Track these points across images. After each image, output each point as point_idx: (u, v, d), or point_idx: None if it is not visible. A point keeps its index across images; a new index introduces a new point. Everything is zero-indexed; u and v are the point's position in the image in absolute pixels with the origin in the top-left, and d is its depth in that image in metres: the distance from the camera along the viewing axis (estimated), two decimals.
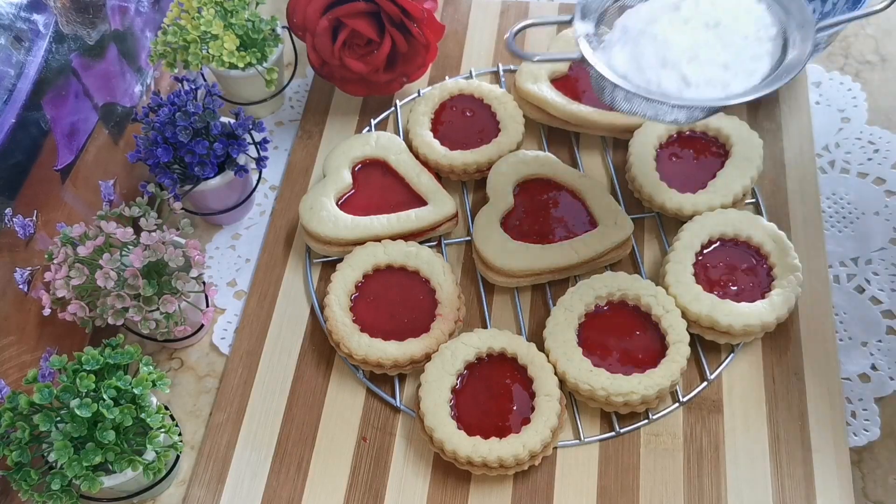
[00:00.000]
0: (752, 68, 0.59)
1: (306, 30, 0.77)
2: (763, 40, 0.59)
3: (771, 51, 0.59)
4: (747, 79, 0.58)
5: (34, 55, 0.63)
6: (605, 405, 0.64)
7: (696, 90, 0.58)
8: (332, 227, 0.72)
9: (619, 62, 0.60)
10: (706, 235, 0.70)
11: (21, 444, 0.55)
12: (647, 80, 0.58)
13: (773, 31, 0.60)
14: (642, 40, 0.59)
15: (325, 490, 0.64)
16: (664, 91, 0.58)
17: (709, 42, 0.58)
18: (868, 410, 0.65)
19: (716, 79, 0.58)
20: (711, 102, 0.58)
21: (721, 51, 0.58)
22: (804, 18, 0.59)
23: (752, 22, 0.59)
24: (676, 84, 0.58)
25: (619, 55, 0.60)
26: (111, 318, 0.61)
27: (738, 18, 0.59)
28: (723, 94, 0.57)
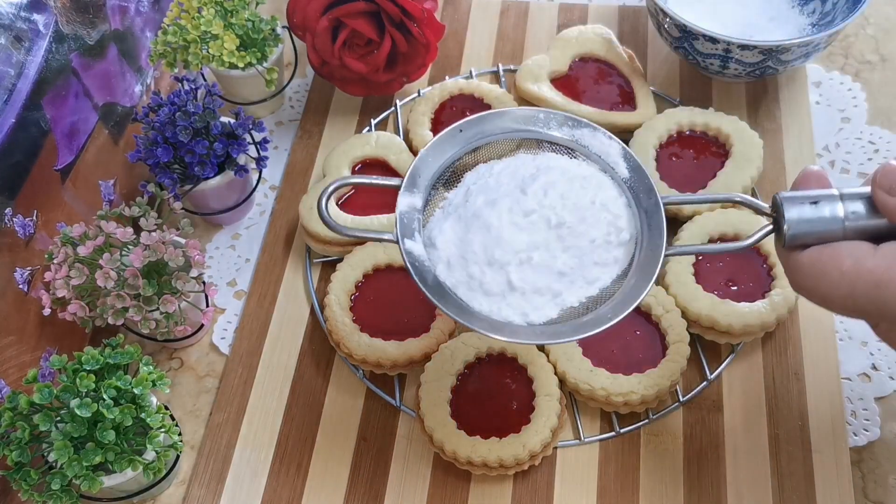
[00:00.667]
0: (593, 277, 0.52)
1: (306, 30, 0.77)
2: (612, 245, 0.53)
3: (621, 257, 0.53)
4: (584, 289, 0.52)
5: (34, 55, 0.63)
6: (605, 405, 0.64)
7: (520, 297, 0.51)
8: None
9: (446, 241, 0.53)
10: (706, 236, 0.70)
11: (21, 444, 0.55)
12: (468, 275, 0.52)
13: (626, 235, 0.53)
14: (474, 226, 0.52)
15: (325, 490, 0.64)
16: (483, 293, 0.51)
17: (548, 243, 0.52)
18: (868, 410, 0.65)
19: (546, 288, 0.51)
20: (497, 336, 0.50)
21: (560, 256, 0.52)
22: (654, 238, 0.52)
23: (604, 223, 0.52)
24: (500, 287, 0.51)
25: (448, 233, 0.53)
26: (111, 318, 0.61)
27: (585, 219, 0.52)
28: (548, 310, 0.51)
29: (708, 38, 0.73)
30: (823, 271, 0.45)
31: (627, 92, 0.81)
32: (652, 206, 0.53)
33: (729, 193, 0.54)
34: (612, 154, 0.56)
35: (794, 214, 0.47)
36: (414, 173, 0.54)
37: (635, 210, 0.54)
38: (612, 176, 0.55)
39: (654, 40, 0.89)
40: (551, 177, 0.53)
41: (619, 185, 0.55)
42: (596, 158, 0.56)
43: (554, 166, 0.55)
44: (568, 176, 0.54)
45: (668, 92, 0.84)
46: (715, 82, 0.84)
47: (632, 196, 0.54)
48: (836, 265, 0.45)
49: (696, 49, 0.76)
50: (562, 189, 0.53)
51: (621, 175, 0.55)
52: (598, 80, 0.82)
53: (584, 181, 0.54)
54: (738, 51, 0.73)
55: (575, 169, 0.55)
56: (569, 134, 0.56)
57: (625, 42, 0.87)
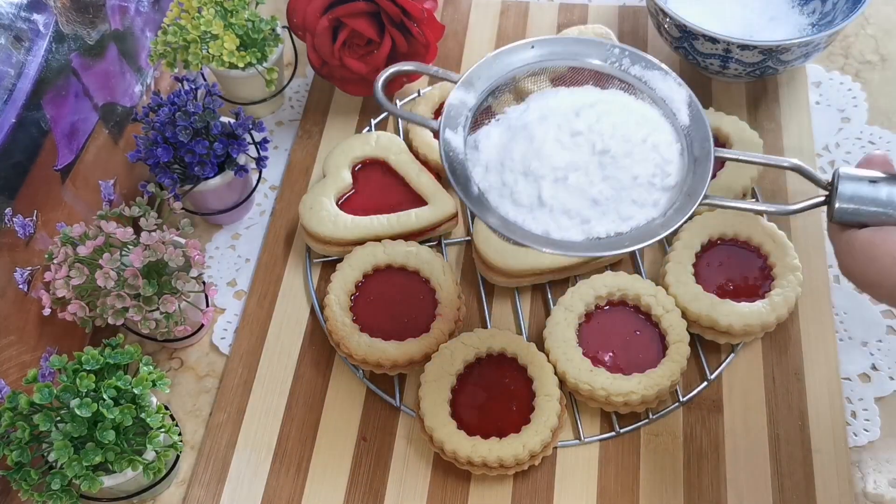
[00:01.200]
0: (628, 214, 0.51)
1: (306, 30, 0.77)
2: (655, 188, 0.51)
3: (662, 203, 0.51)
4: (615, 224, 0.51)
5: (34, 55, 0.63)
6: (605, 405, 0.64)
7: (548, 214, 0.50)
8: (332, 227, 0.72)
9: (489, 146, 0.53)
10: (706, 235, 0.70)
11: (21, 443, 0.55)
12: (502, 182, 0.51)
13: (671, 180, 0.51)
14: (519, 136, 0.52)
15: (325, 490, 0.64)
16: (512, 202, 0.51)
17: (588, 168, 0.50)
18: (868, 410, 0.65)
19: (576, 212, 0.50)
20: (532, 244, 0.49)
21: (598, 183, 0.50)
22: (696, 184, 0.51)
23: (651, 163, 0.51)
24: (530, 199, 0.50)
25: (493, 138, 0.53)
26: (111, 318, 0.61)
27: (632, 154, 0.51)
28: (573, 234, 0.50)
29: (708, 38, 0.73)
30: (875, 255, 0.43)
31: None
32: (703, 154, 0.52)
33: (786, 158, 0.54)
34: (676, 100, 0.55)
35: (849, 190, 0.46)
36: (474, 74, 0.54)
37: (686, 159, 0.53)
38: (672, 122, 0.54)
39: (654, 40, 0.89)
40: (609, 107, 0.53)
41: (677, 132, 0.54)
42: (661, 103, 0.55)
43: (616, 100, 0.54)
44: (626, 110, 0.53)
45: None
46: (715, 82, 0.84)
47: (686, 144, 0.53)
48: (889, 250, 0.43)
49: (696, 49, 0.76)
50: (616, 119, 0.52)
51: (681, 122, 0.54)
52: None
53: (641, 119, 0.53)
54: (738, 51, 0.73)
55: (636, 106, 0.55)
56: (640, 73, 0.56)
57: (625, 42, 0.87)
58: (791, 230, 0.74)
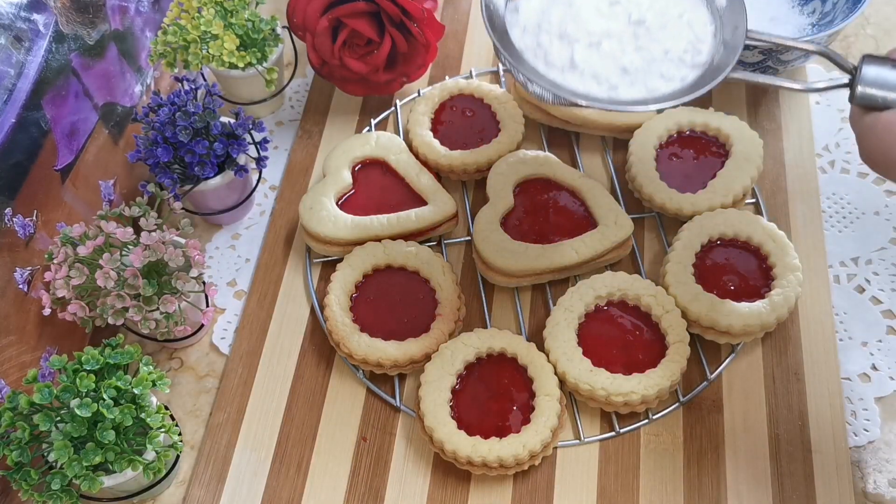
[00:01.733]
0: (654, 86, 0.52)
1: (306, 30, 0.77)
2: (685, 64, 0.52)
3: (689, 79, 0.52)
4: (641, 94, 0.52)
5: (34, 55, 0.63)
6: (605, 405, 0.64)
7: (578, 77, 0.51)
8: (332, 227, 0.72)
9: (529, 9, 0.54)
10: (706, 235, 0.70)
11: (21, 444, 0.55)
12: (537, 43, 0.53)
13: (702, 58, 0.53)
14: (558, 0, 0.54)
15: (325, 490, 0.64)
16: (545, 63, 0.52)
17: (622, 36, 0.52)
18: (868, 410, 0.65)
19: (605, 78, 0.51)
20: (568, 97, 0.51)
21: (630, 53, 0.52)
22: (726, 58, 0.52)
23: (684, 40, 0.52)
24: (562, 61, 0.52)
25: (534, 2, 0.55)
26: (111, 318, 0.61)
27: (666, 27, 0.52)
28: (603, 95, 0.51)
29: None
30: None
31: None
32: (736, 36, 0.53)
33: (811, 42, 0.54)
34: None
35: (872, 73, 0.47)
36: None
37: (719, 40, 0.53)
38: (708, 4, 0.55)
39: None
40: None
41: (713, 13, 0.55)
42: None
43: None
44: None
45: None
46: None
47: (719, 26, 0.54)
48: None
49: None
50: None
51: (718, 5, 0.55)
52: None
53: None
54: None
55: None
56: None
57: None
58: (791, 230, 0.74)
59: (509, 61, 0.52)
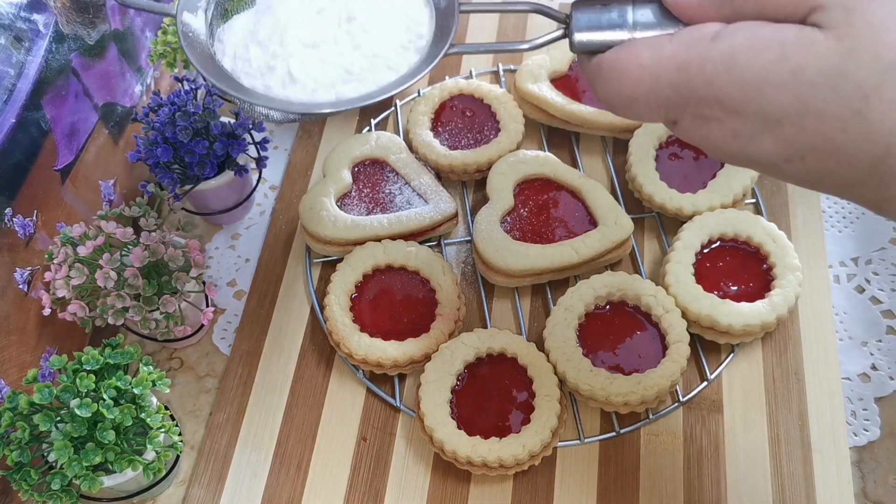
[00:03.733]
0: (383, 79, 0.50)
1: None
2: (409, 50, 0.51)
3: (415, 64, 0.50)
4: (371, 89, 0.50)
5: (34, 55, 0.63)
6: (605, 405, 0.64)
7: (301, 90, 0.49)
8: (332, 227, 0.72)
9: (235, 33, 0.51)
10: (706, 235, 0.70)
11: (21, 444, 0.55)
12: (250, 65, 0.50)
13: (423, 42, 0.51)
14: (263, 18, 0.51)
15: (325, 490, 0.64)
16: (263, 84, 0.49)
17: (336, 40, 0.50)
18: (868, 410, 0.65)
19: (331, 84, 0.49)
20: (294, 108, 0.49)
21: (348, 53, 0.50)
22: (441, 39, 0.50)
23: (401, 26, 0.50)
24: (281, 78, 0.49)
25: (237, 25, 0.52)
26: (111, 318, 0.61)
27: (380, 18, 0.50)
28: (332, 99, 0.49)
29: None
30: (624, 69, 0.43)
31: None
32: (449, 6, 0.51)
33: (526, 1, 0.51)
34: None
35: (583, 19, 0.45)
36: None
37: (434, 14, 0.52)
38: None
39: None
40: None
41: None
42: None
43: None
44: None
45: None
46: None
47: (433, 4, 0.52)
48: (634, 60, 0.42)
49: None
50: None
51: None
52: None
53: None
54: None
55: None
56: None
57: None
58: (791, 230, 0.74)
59: (219, 87, 0.49)
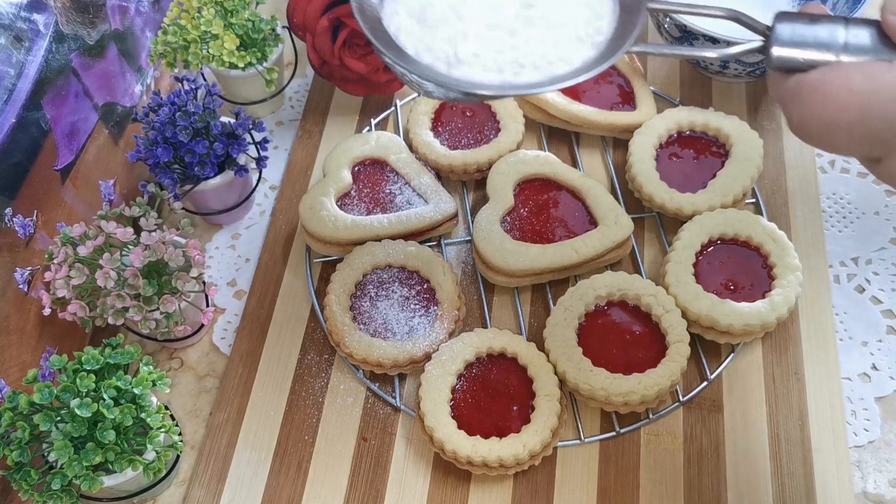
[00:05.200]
0: (554, 72, 0.46)
1: (306, 30, 0.77)
2: (585, 45, 0.47)
3: (590, 59, 0.47)
4: (540, 79, 0.47)
5: (34, 55, 0.63)
6: (605, 405, 0.64)
7: (467, 70, 0.46)
8: (332, 227, 0.72)
9: (406, 2, 0.49)
10: (706, 235, 0.70)
11: (21, 443, 0.55)
12: (418, 37, 0.47)
13: (601, 37, 0.47)
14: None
15: (325, 490, 0.64)
16: (430, 56, 0.47)
17: (512, 27, 0.47)
18: (868, 410, 0.65)
19: (498, 71, 0.46)
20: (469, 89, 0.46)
21: (522, 44, 0.46)
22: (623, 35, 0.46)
23: (581, 19, 0.47)
24: (447, 55, 0.47)
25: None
26: (111, 318, 0.61)
27: (560, 7, 0.47)
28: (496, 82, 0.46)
29: (708, 38, 0.73)
30: (829, 93, 0.38)
31: (628, 92, 0.81)
32: (634, 4, 0.48)
33: (722, 7, 0.48)
34: None
35: (787, 31, 0.41)
36: None
37: (617, 9, 0.48)
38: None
39: (653, 39, 0.89)
40: None
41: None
42: None
43: None
44: None
45: (668, 92, 0.84)
46: (715, 82, 0.84)
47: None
48: (843, 84, 0.38)
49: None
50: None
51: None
52: (599, 80, 0.82)
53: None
54: None
55: None
56: None
57: None
58: (791, 230, 0.74)
59: (385, 55, 0.46)
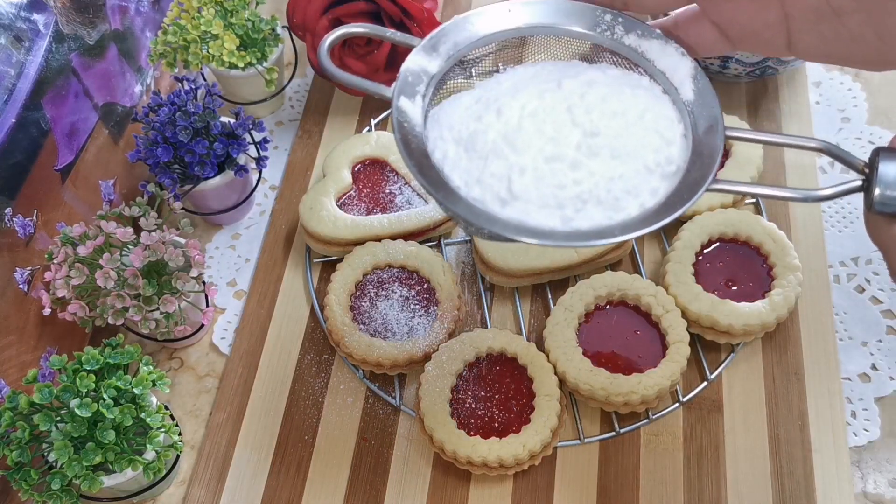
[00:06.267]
0: (620, 206, 0.42)
1: (306, 30, 0.77)
2: (654, 175, 0.42)
3: (660, 191, 0.42)
4: (605, 218, 0.42)
5: (34, 55, 0.63)
6: (605, 405, 0.64)
7: (521, 207, 0.41)
8: (332, 227, 0.72)
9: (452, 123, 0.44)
10: (706, 235, 0.70)
11: (21, 443, 0.55)
12: (465, 168, 0.43)
13: (673, 167, 0.43)
14: (489, 113, 0.44)
15: (325, 490, 0.64)
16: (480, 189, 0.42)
17: (574, 157, 0.42)
18: (868, 410, 0.65)
19: (557, 206, 0.41)
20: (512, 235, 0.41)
21: (585, 180, 0.41)
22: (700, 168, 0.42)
23: (650, 147, 0.43)
24: (498, 190, 0.42)
25: (457, 115, 0.45)
26: (111, 318, 0.61)
27: (626, 134, 0.43)
28: (557, 226, 0.41)
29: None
30: None
31: None
32: (711, 134, 0.44)
33: (812, 137, 0.46)
34: (679, 73, 0.46)
35: (892, 171, 0.38)
36: (438, 38, 0.47)
37: (690, 138, 0.44)
38: (674, 98, 0.46)
39: None
40: (598, 78, 0.45)
41: (679, 109, 0.45)
42: (660, 76, 0.46)
43: (607, 74, 0.46)
44: (619, 83, 0.45)
45: None
46: (715, 82, 0.84)
47: (690, 123, 0.45)
48: None
49: None
50: (606, 92, 0.44)
51: (685, 97, 0.45)
52: None
53: (636, 90, 0.45)
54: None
55: (631, 80, 0.46)
56: (635, 43, 0.47)
57: None
58: (791, 230, 0.74)
59: (435, 196, 0.42)
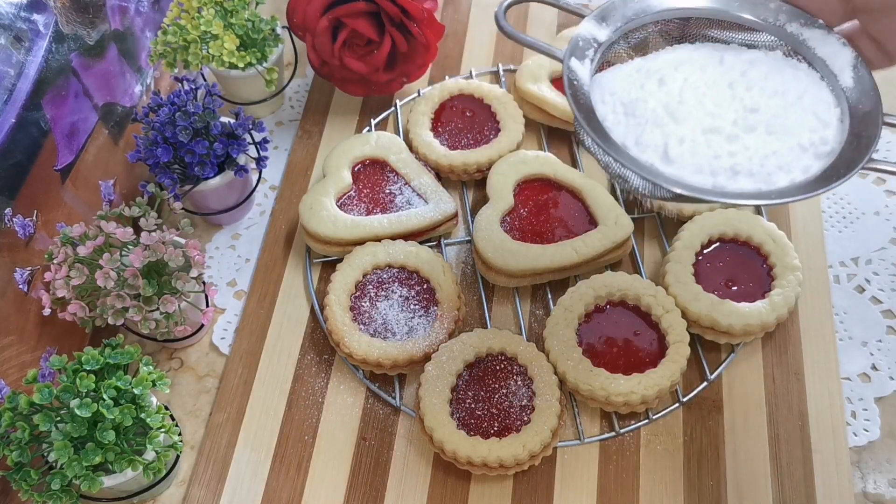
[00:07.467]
0: (772, 180, 0.45)
1: (306, 30, 0.77)
2: (807, 153, 0.45)
3: (812, 169, 0.45)
4: (756, 186, 0.45)
5: (34, 55, 0.63)
6: (605, 405, 0.64)
7: (674, 172, 0.45)
8: (332, 227, 0.72)
9: (617, 89, 0.49)
10: (706, 235, 0.70)
11: (21, 444, 0.55)
12: (625, 130, 0.47)
13: (828, 147, 0.46)
14: (651, 82, 0.48)
15: (325, 490, 0.64)
16: (637, 145, 0.46)
17: (732, 131, 0.46)
18: (868, 410, 0.65)
19: (711, 174, 0.45)
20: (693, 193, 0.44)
21: (740, 152, 0.45)
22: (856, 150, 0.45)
23: (805, 127, 0.46)
24: (656, 152, 0.46)
25: (622, 82, 0.49)
26: (111, 318, 0.61)
27: (784, 113, 0.46)
28: (708, 185, 0.45)
29: None
30: None
31: None
32: (868, 118, 0.46)
33: None
34: (839, 61, 0.49)
35: None
36: (608, 9, 0.50)
37: (846, 123, 0.47)
38: (832, 84, 0.49)
39: None
40: (759, 58, 0.48)
41: (837, 95, 0.48)
42: (820, 64, 0.49)
43: (768, 56, 0.49)
44: (779, 64, 0.48)
45: None
46: None
47: (847, 108, 0.48)
48: None
49: None
50: (767, 70, 0.47)
51: (843, 84, 0.48)
52: None
53: (796, 71, 0.48)
54: None
55: (791, 63, 0.49)
56: (797, 31, 0.50)
57: None
58: (791, 230, 0.74)
59: (600, 147, 0.45)
